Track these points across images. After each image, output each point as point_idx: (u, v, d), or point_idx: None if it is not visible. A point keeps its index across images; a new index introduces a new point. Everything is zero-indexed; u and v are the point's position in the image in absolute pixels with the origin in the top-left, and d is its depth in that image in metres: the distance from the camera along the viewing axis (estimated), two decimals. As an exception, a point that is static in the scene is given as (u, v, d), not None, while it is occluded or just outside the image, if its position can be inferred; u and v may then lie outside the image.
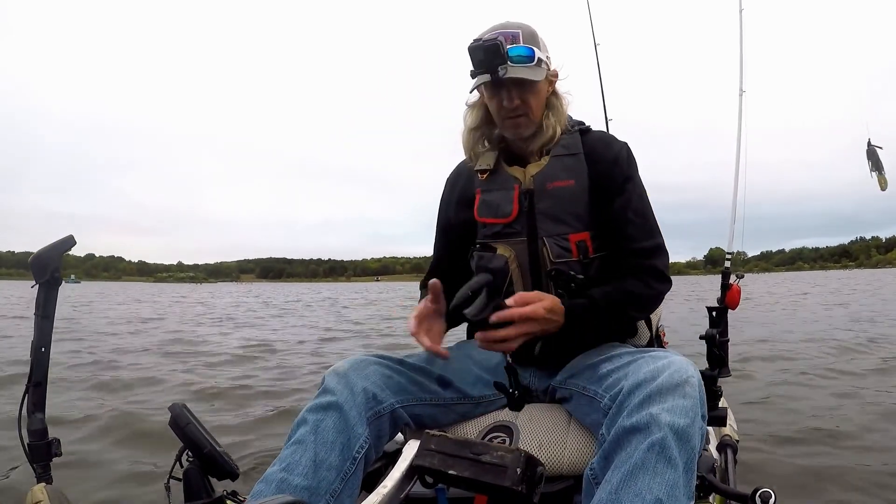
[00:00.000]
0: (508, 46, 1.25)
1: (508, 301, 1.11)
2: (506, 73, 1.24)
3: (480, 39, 1.25)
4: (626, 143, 1.38)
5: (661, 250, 1.33)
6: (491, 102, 1.34)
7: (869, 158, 2.63)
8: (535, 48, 1.28)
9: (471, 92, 1.35)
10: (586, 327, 1.22)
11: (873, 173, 2.62)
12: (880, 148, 2.60)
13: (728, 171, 2.44)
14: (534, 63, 1.27)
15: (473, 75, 1.28)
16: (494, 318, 1.06)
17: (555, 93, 1.38)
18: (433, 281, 1.21)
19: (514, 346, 1.11)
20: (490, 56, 1.22)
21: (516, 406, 1.14)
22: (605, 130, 2.68)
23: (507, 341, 1.09)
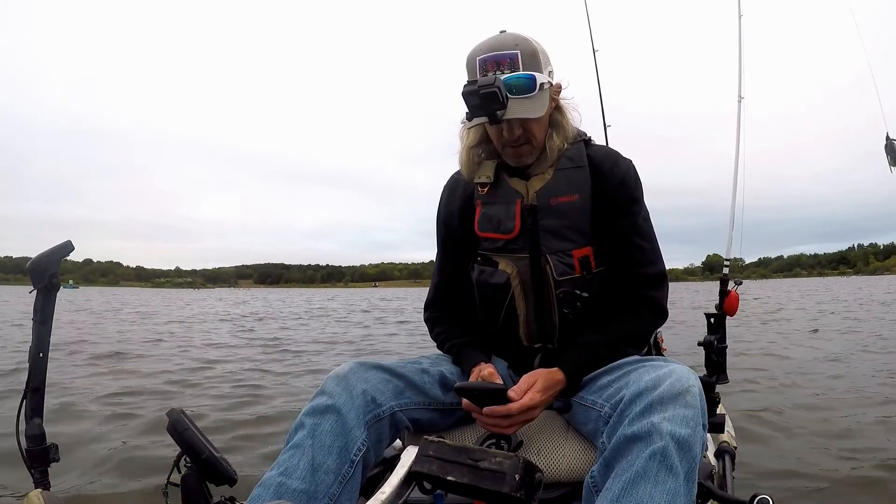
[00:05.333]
0: (506, 75, 1.18)
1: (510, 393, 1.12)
2: (504, 115, 1.18)
3: (475, 82, 1.17)
4: (631, 162, 1.34)
5: (663, 280, 1.32)
6: (490, 130, 1.29)
7: (888, 153, 2.61)
8: (535, 73, 1.21)
9: (469, 128, 1.31)
10: (586, 374, 1.22)
11: (893, 168, 2.60)
12: None
13: (726, 176, 2.45)
14: (535, 92, 1.20)
15: (469, 117, 1.23)
16: (495, 411, 1.12)
17: (558, 107, 1.32)
18: (490, 371, 1.24)
19: (515, 430, 1.15)
20: (487, 103, 1.16)
21: None
22: (604, 134, 2.70)
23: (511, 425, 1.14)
